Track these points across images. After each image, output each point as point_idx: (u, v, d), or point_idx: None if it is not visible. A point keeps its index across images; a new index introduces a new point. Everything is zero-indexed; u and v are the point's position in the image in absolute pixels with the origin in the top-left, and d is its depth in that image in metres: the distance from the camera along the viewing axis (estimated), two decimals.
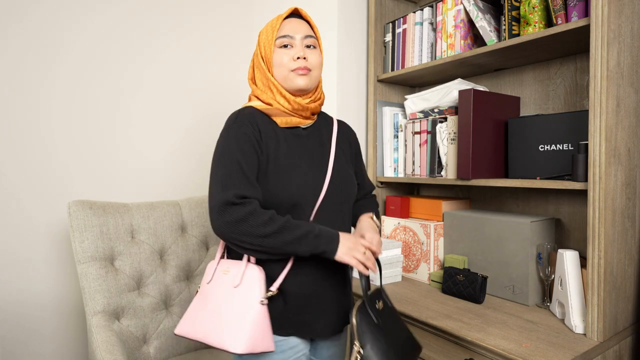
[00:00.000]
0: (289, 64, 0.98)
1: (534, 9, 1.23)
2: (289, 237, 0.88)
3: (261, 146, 0.95)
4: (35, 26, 1.52)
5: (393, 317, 0.99)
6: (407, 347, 0.97)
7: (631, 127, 1.10)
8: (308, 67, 0.98)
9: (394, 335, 0.95)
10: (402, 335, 0.98)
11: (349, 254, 0.92)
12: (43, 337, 1.56)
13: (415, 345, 0.99)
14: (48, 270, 1.57)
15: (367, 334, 0.91)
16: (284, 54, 0.98)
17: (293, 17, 1.03)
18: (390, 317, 0.99)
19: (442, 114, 1.50)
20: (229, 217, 0.86)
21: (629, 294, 1.13)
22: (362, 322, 0.92)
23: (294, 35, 0.99)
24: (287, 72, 0.98)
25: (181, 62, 1.87)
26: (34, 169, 1.53)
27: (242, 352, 0.86)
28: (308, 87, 0.99)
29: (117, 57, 1.70)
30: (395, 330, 0.97)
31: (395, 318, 1.00)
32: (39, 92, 1.54)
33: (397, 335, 0.96)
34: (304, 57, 0.98)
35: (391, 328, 0.96)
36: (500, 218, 1.33)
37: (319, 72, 1.03)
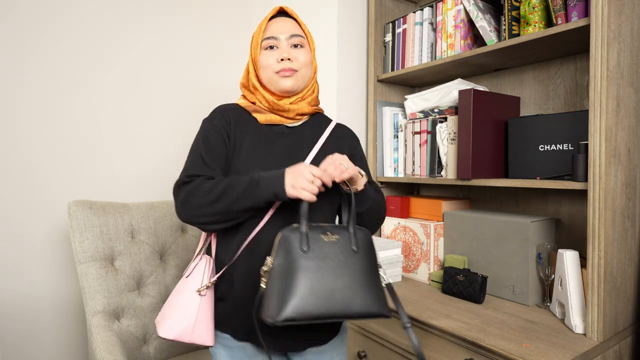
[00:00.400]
0: (273, 65, 0.97)
1: (534, 9, 1.23)
2: (234, 194, 0.86)
3: (230, 136, 0.97)
4: (29, 25, 1.52)
5: (352, 259, 0.84)
6: (347, 297, 0.80)
7: (631, 127, 1.10)
8: (293, 67, 0.97)
9: (329, 275, 0.81)
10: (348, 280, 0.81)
11: (294, 186, 0.84)
12: (43, 337, 1.56)
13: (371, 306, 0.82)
14: (48, 270, 1.57)
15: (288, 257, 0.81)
16: (269, 56, 0.98)
17: (280, 16, 1.02)
18: (346, 256, 0.83)
19: (442, 114, 1.50)
20: (181, 196, 0.90)
21: (629, 294, 1.13)
22: (285, 241, 0.83)
23: (279, 35, 0.98)
24: (271, 74, 0.98)
25: (181, 62, 1.87)
26: (33, 169, 1.53)
27: (165, 337, 0.89)
28: (294, 88, 0.98)
29: (117, 57, 1.70)
30: (340, 273, 0.81)
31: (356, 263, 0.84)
32: (39, 93, 1.54)
33: (337, 278, 0.81)
34: (289, 58, 0.97)
35: (332, 265, 0.82)
36: (500, 218, 1.33)
37: (308, 71, 1.01)
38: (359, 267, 0.83)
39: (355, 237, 0.86)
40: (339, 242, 0.84)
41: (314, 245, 0.83)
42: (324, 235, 0.84)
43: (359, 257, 0.84)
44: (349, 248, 0.84)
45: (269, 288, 0.81)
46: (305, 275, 0.80)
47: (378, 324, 1.34)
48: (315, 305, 0.78)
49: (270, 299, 0.80)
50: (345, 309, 0.79)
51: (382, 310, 0.82)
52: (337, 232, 0.86)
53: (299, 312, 0.77)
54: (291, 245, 0.82)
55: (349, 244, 0.85)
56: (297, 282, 0.79)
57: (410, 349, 1.22)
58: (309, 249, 0.82)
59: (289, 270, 0.80)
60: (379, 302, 0.82)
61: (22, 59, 1.50)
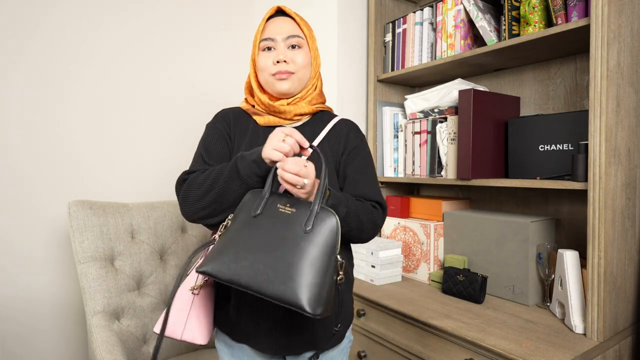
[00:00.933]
0: (270, 67, 0.96)
1: (534, 9, 1.23)
2: (222, 180, 0.85)
3: (231, 138, 0.98)
4: (22, 22, 1.52)
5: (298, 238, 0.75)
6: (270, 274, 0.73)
7: (631, 127, 1.10)
8: (289, 70, 0.95)
9: (263, 245, 0.75)
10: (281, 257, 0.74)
11: (269, 147, 0.80)
12: (43, 337, 1.56)
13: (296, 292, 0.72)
14: (48, 270, 1.57)
15: (239, 216, 0.80)
16: (266, 58, 0.96)
17: (278, 15, 0.99)
18: (293, 232, 0.76)
19: (442, 114, 1.50)
20: (181, 194, 0.90)
21: (629, 294, 1.13)
22: (245, 201, 0.82)
23: (275, 36, 0.96)
24: (268, 76, 0.96)
25: (181, 63, 1.87)
26: (33, 169, 1.53)
27: (157, 332, 0.89)
28: (290, 91, 0.96)
29: (118, 58, 1.70)
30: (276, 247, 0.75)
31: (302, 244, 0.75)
32: (39, 93, 1.54)
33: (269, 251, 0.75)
34: (285, 60, 0.94)
35: (273, 236, 0.76)
36: (500, 218, 1.33)
37: (306, 72, 0.99)
38: (302, 248, 0.74)
39: (314, 217, 0.76)
40: (293, 216, 0.77)
41: (266, 212, 0.79)
42: (281, 205, 0.79)
43: (309, 238, 0.75)
44: (301, 226, 0.76)
45: (217, 240, 0.81)
46: (239, 238, 0.77)
47: (378, 324, 1.34)
48: (233, 270, 0.74)
49: (210, 250, 0.80)
50: (261, 285, 0.72)
51: (304, 303, 0.70)
52: (298, 206, 0.79)
53: (215, 270, 0.76)
54: (246, 205, 0.81)
55: (302, 222, 0.76)
56: (227, 242, 0.78)
57: (410, 349, 1.22)
58: (260, 214, 0.79)
59: (233, 229, 0.79)
60: (306, 294, 0.71)
61: (25, 61, 1.50)
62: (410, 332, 1.23)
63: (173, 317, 0.90)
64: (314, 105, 1.01)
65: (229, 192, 0.85)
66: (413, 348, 1.21)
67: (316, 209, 0.77)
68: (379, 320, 1.34)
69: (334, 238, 0.76)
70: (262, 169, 0.83)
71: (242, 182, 0.84)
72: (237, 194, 0.85)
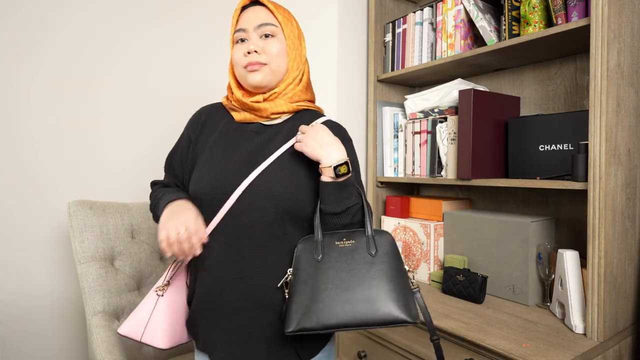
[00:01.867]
0: (241, 60, 0.90)
1: (534, 9, 1.23)
2: (152, 205, 0.95)
3: (197, 136, 0.97)
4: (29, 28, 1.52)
5: (370, 263, 0.80)
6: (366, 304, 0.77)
7: (631, 127, 1.10)
8: (260, 61, 0.89)
9: (345, 282, 0.78)
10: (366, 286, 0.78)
11: (163, 226, 0.80)
12: (43, 337, 1.56)
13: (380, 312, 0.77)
14: (48, 270, 1.57)
15: (303, 267, 0.81)
16: (238, 50, 0.91)
17: (251, 5, 0.94)
18: (363, 261, 0.81)
19: (442, 114, 1.50)
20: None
21: (629, 294, 1.13)
22: (299, 251, 0.83)
23: (247, 27, 0.90)
24: (241, 70, 0.91)
25: (181, 64, 1.87)
26: (34, 169, 1.53)
27: (119, 332, 0.91)
28: (263, 83, 0.90)
29: (117, 58, 1.70)
30: (357, 278, 0.79)
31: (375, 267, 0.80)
32: (39, 94, 1.54)
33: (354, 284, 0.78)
34: (255, 51, 0.89)
35: (348, 271, 0.80)
36: (500, 218, 1.33)
37: (281, 63, 0.92)
38: (378, 271, 0.79)
39: (372, 240, 0.83)
40: (354, 246, 0.82)
41: (328, 252, 0.81)
42: (339, 242, 0.83)
43: (378, 260, 0.80)
44: (366, 252, 0.81)
45: (288, 299, 0.81)
46: (314, 285, 0.78)
47: None
48: (326, 315, 0.76)
49: (289, 310, 0.79)
50: (364, 316, 0.76)
51: (405, 316, 0.76)
52: (353, 236, 0.83)
53: (307, 324, 0.76)
54: (304, 254, 0.82)
55: (365, 248, 0.82)
56: (305, 292, 0.78)
57: (410, 349, 1.22)
58: (323, 256, 0.81)
59: (303, 280, 0.80)
60: (401, 309, 0.77)
61: (23, 61, 1.50)
62: (410, 332, 1.23)
63: (135, 318, 0.89)
64: (294, 102, 0.95)
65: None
66: (413, 348, 1.21)
67: (371, 233, 0.83)
68: None
69: (395, 250, 0.83)
70: None
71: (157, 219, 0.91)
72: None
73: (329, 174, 0.82)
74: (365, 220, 0.85)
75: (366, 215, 0.85)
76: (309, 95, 0.99)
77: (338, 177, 0.82)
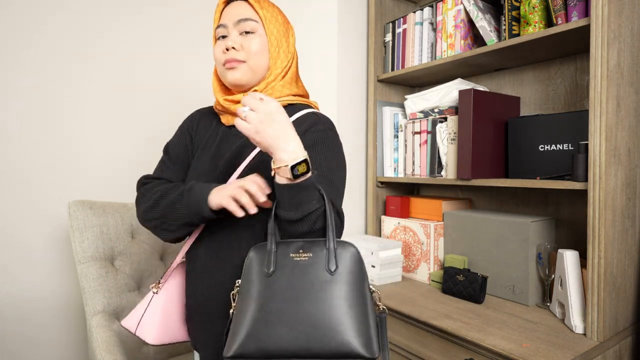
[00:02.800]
0: (220, 57, 0.87)
1: (534, 9, 1.23)
2: (165, 203, 0.81)
3: (193, 139, 0.96)
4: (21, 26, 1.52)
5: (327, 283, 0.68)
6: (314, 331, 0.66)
7: (631, 127, 1.10)
8: (238, 58, 0.85)
9: (294, 303, 0.67)
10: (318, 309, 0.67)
11: (221, 194, 0.74)
12: (43, 337, 1.56)
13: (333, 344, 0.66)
14: (48, 270, 1.57)
15: (252, 279, 0.71)
16: (218, 47, 0.88)
17: (233, 1, 0.91)
18: (319, 278, 0.69)
19: (442, 114, 1.50)
20: (137, 197, 0.89)
21: (629, 294, 1.13)
22: (249, 261, 0.73)
23: (227, 23, 0.88)
24: (220, 67, 0.88)
25: (182, 62, 1.87)
26: (33, 169, 1.53)
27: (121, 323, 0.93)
28: (242, 81, 0.87)
29: (116, 58, 1.70)
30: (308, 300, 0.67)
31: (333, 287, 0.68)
32: (38, 94, 1.54)
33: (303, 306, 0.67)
34: (233, 47, 0.86)
35: (299, 290, 0.68)
36: (500, 218, 1.33)
37: (259, 61, 0.88)
38: (334, 291, 0.68)
39: (333, 254, 0.70)
40: (312, 260, 0.70)
41: (281, 266, 0.70)
42: (294, 254, 0.71)
43: (338, 279, 0.69)
44: (324, 268, 0.69)
45: (233, 316, 0.72)
46: (263, 303, 0.68)
47: None
48: (271, 340, 0.65)
49: (231, 331, 0.69)
50: (313, 346, 0.65)
51: (362, 350, 0.65)
52: (311, 248, 0.71)
53: (248, 348, 0.66)
54: (253, 266, 0.72)
55: (323, 263, 0.70)
56: (250, 312, 0.68)
57: (410, 349, 1.22)
58: (274, 271, 0.70)
59: (250, 296, 0.69)
60: (359, 340, 0.65)
61: (25, 61, 1.50)
62: (410, 332, 1.23)
63: (135, 311, 0.93)
64: (277, 99, 0.90)
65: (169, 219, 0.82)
66: (413, 348, 1.21)
67: (332, 246, 0.71)
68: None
69: (360, 267, 0.71)
70: (207, 215, 0.78)
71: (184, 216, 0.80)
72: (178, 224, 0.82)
73: (286, 174, 0.69)
74: (327, 229, 0.72)
75: (328, 221, 0.72)
76: (295, 90, 0.94)
77: (296, 177, 0.69)
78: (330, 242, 0.71)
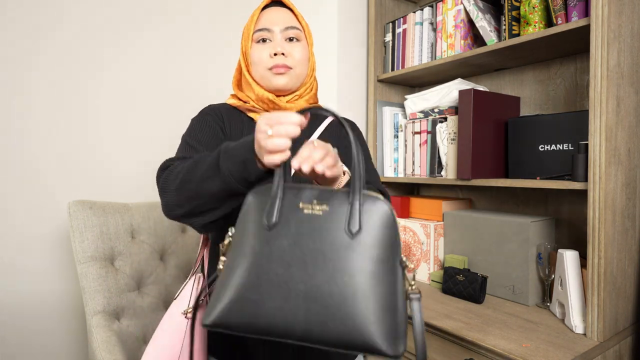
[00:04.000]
0: (265, 61, 0.86)
1: (534, 9, 1.23)
2: (202, 169, 0.66)
3: (224, 131, 0.88)
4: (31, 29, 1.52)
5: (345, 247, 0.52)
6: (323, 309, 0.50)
7: (631, 127, 1.10)
8: (287, 64, 0.86)
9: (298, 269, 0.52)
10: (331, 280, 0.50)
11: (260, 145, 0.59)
12: (43, 337, 1.56)
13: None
14: (48, 270, 1.57)
15: (248, 231, 0.56)
16: (262, 50, 0.87)
17: (274, 5, 0.90)
18: (335, 241, 0.52)
19: (442, 114, 1.50)
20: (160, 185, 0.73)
21: (629, 294, 1.13)
22: (247, 207, 0.58)
23: (272, 27, 0.87)
24: (264, 71, 0.87)
25: (182, 62, 1.87)
26: (34, 169, 1.53)
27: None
28: (288, 87, 0.88)
29: (116, 58, 1.70)
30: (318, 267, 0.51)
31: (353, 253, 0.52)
32: (39, 94, 1.54)
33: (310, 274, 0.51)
34: (283, 53, 0.86)
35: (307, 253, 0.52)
36: (500, 218, 1.33)
37: (304, 69, 0.90)
38: (354, 261, 0.51)
39: (358, 211, 0.53)
40: (327, 216, 0.54)
41: (286, 219, 0.54)
42: (305, 204, 0.55)
43: (359, 244, 0.52)
44: (343, 228, 0.53)
45: (220, 275, 0.57)
46: (256, 264, 0.53)
47: None
48: (261, 312, 0.51)
49: (214, 293, 0.55)
50: (311, 327, 0.50)
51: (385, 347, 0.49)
52: (328, 199, 0.55)
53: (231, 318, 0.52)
54: (250, 214, 0.56)
55: (343, 222, 0.53)
56: (239, 273, 0.53)
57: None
58: (276, 223, 0.55)
59: (243, 252, 0.55)
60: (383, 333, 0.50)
61: (23, 61, 1.50)
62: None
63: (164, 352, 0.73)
64: (310, 104, 0.94)
65: (207, 192, 0.66)
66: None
67: (358, 200, 0.54)
68: None
69: (391, 232, 0.54)
70: (254, 174, 0.62)
71: (225, 185, 0.64)
72: (219, 196, 0.66)
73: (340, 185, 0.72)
74: (353, 177, 0.55)
75: (356, 171, 0.55)
76: (317, 99, 0.99)
77: None
78: (355, 194, 0.54)
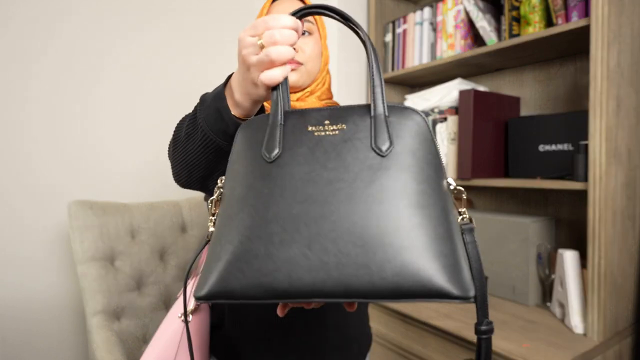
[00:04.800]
0: None
1: (534, 9, 1.23)
2: (186, 125, 0.59)
3: None
4: (32, 28, 1.52)
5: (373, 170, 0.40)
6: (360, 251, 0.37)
7: (631, 127, 1.10)
8: (298, 60, 0.81)
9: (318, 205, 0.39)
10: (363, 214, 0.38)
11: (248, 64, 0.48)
12: (43, 337, 1.56)
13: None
14: (48, 271, 1.57)
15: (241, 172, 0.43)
16: None
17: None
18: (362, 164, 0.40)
19: (442, 114, 1.50)
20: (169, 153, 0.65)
21: (629, 293, 1.13)
22: (240, 138, 0.46)
23: None
24: None
25: (183, 62, 1.87)
26: (33, 169, 1.53)
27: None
28: (299, 84, 0.83)
29: (117, 58, 1.70)
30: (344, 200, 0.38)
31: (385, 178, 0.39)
32: (39, 94, 1.53)
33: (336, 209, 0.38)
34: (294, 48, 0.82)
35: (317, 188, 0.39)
36: (500, 218, 1.33)
37: (316, 64, 0.84)
38: (392, 182, 0.39)
39: (385, 122, 0.42)
40: (346, 134, 0.42)
41: (292, 146, 0.42)
42: (314, 127, 0.43)
43: (394, 161, 0.40)
44: (369, 146, 0.41)
45: (211, 236, 0.46)
46: (260, 207, 0.40)
47: (378, 324, 1.34)
48: (275, 269, 0.38)
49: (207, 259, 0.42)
50: (348, 280, 0.36)
51: (448, 284, 0.36)
52: (344, 117, 0.44)
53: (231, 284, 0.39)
54: (246, 149, 0.44)
55: (368, 138, 0.42)
56: (239, 223, 0.40)
57: (410, 348, 1.22)
58: (280, 153, 0.42)
59: (238, 198, 0.42)
60: (437, 261, 0.36)
61: (23, 61, 1.50)
62: (410, 332, 1.23)
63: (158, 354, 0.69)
64: (323, 100, 0.89)
65: (193, 153, 0.57)
66: (413, 348, 1.21)
67: (383, 110, 0.43)
68: (379, 320, 1.34)
69: (431, 146, 0.42)
70: (231, 124, 0.52)
71: (205, 139, 0.54)
72: (208, 157, 0.56)
73: None
74: (373, 86, 0.45)
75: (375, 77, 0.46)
76: (331, 94, 0.92)
77: None
78: (378, 103, 0.43)
